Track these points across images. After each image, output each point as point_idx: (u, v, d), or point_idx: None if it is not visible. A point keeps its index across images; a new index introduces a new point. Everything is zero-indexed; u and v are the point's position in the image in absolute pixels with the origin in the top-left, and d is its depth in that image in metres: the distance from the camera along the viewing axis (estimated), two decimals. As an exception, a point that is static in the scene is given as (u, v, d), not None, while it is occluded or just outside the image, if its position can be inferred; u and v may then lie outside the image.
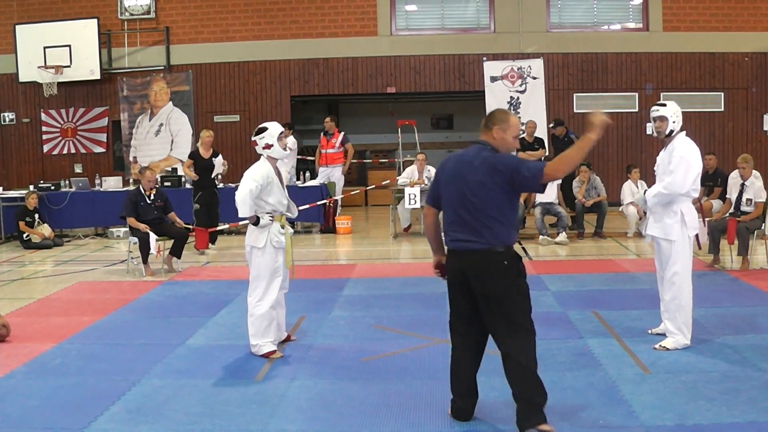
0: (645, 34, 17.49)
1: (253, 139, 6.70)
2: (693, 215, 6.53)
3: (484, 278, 4.63)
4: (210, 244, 12.58)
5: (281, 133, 6.65)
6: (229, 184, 13.68)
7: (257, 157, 6.73)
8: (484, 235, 4.60)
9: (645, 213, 6.76)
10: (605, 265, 10.56)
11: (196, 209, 12.58)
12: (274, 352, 6.51)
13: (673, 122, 6.52)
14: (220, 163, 12.79)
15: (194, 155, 12.74)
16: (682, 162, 6.37)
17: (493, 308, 4.66)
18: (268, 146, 6.60)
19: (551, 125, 14.55)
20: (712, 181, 12.16)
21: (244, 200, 6.39)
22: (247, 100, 18.05)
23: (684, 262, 6.46)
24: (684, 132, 6.58)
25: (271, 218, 6.53)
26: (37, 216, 13.46)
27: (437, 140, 21.77)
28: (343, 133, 15.44)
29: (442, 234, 4.91)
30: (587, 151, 4.52)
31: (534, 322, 4.82)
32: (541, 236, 12.68)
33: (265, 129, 6.65)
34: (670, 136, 6.55)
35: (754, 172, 10.21)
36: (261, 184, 6.44)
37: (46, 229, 13.48)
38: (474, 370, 4.92)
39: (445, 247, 4.91)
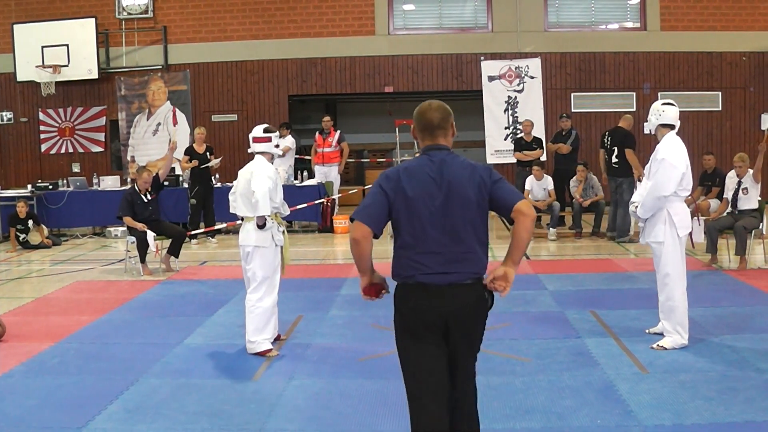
0: (643, 33, 17.50)
1: (264, 135, 6.73)
2: (682, 215, 6.49)
3: (472, 320, 3.73)
4: (210, 238, 13.54)
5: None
6: (227, 184, 13.73)
7: (253, 156, 6.76)
8: (469, 264, 3.69)
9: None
10: (603, 265, 10.57)
11: (192, 204, 13.36)
12: (270, 350, 6.52)
13: (647, 121, 6.57)
14: (213, 158, 13.72)
15: (189, 151, 13.59)
16: (662, 164, 6.36)
17: (469, 352, 3.82)
18: (277, 146, 6.86)
19: (561, 116, 14.51)
20: (711, 181, 12.16)
21: (265, 197, 6.45)
22: (245, 99, 18.04)
23: (674, 263, 6.44)
24: (674, 131, 6.55)
25: (272, 221, 6.59)
26: (31, 222, 13.32)
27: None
28: (339, 131, 15.57)
29: (403, 267, 3.72)
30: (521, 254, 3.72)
31: (531, 322, 4.81)
32: (551, 229, 13.04)
33: (274, 129, 6.87)
34: (656, 134, 6.57)
35: (749, 170, 10.24)
36: (274, 182, 6.59)
37: (42, 233, 13.42)
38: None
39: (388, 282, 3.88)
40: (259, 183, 6.46)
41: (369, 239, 3.66)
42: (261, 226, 6.49)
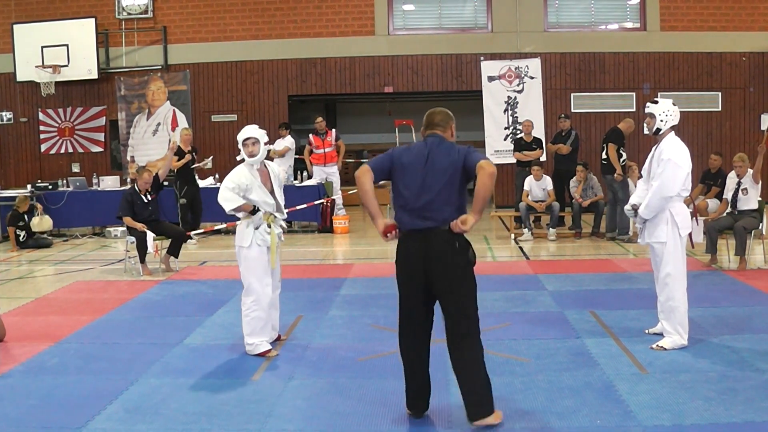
0: (642, 33, 17.51)
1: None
2: (684, 214, 6.49)
3: (443, 259, 4.74)
4: (191, 239, 13.51)
5: (247, 139, 6.68)
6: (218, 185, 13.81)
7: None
8: (440, 214, 4.74)
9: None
10: (603, 265, 10.57)
11: (182, 203, 13.40)
12: (269, 350, 6.52)
13: (661, 121, 6.50)
14: (199, 159, 13.97)
15: (178, 151, 13.47)
16: (668, 164, 6.34)
17: (451, 293, 4.78)
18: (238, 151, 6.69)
19: (560, 116, 14.44)
20: (713, 180, 12.14)
21: (225, 197, 6.48)
22: (245, 99, 18.04)
23: (676, 263, 6.44)
24: (673, 132, 6.54)
25: (262, 220, 6.56)
26: (35, 210, 13.39)
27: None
28: (333, 130, 15.76)
29: (398, 218, 4.92)
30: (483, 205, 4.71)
31: (531, 322, 4.83)
32: (550, 229, 13.06)
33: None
34: (658, 134, 6.55)
35: (749, 170, 10.24)
36: (237, 186, 6.50)
37: (46, 223, 13.46)
38: (428, 365, 5.07)
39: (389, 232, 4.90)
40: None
41: (368, 175, 4.85)
42: (251, 212, 6.52)
